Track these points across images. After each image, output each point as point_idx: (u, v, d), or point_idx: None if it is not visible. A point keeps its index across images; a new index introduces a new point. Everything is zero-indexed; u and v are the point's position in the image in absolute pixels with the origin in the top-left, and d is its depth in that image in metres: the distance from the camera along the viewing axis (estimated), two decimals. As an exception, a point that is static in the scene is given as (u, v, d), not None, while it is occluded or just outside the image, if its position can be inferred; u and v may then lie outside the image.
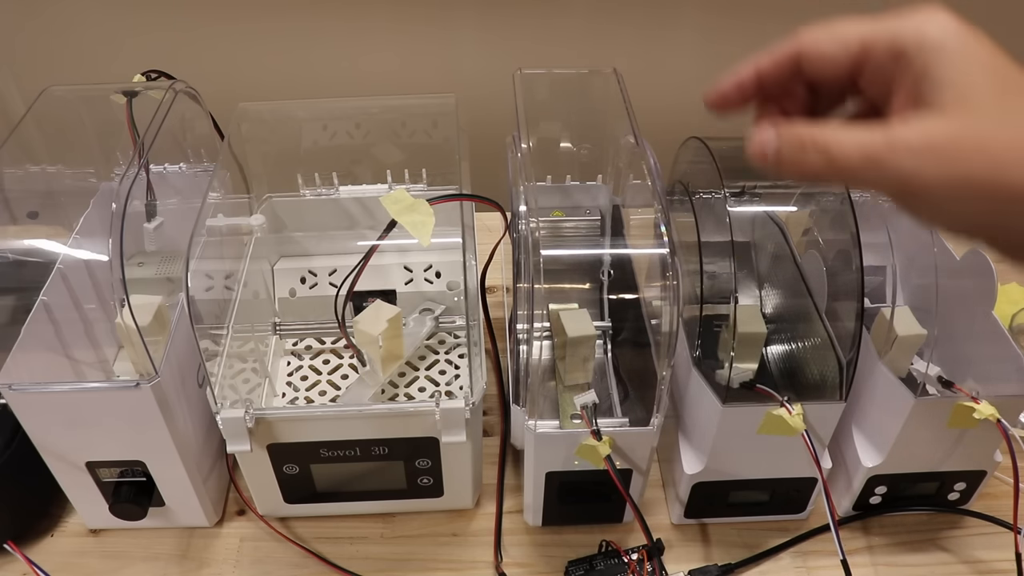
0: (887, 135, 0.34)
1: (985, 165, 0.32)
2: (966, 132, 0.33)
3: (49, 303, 0.70)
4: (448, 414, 0.64)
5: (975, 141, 0.33)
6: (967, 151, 0.33)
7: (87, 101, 0.79)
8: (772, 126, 0.38)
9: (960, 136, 0.33)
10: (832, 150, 0.35)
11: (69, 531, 0.77)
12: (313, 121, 0.84)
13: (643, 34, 1.07)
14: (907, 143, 0.34)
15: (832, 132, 0.36)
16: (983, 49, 0.35)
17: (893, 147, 0.34)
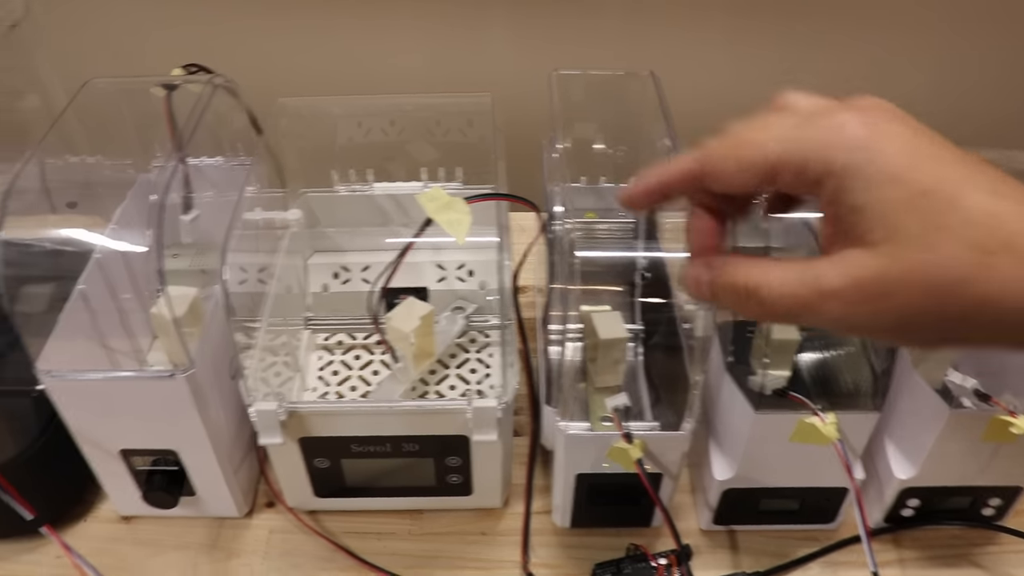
0: (817, 286, 0.34)
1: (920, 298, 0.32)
2: (895, 269, 0.32)
3: (86, 292, 0.71)
4: (480, 413, 0.64)
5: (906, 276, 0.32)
6: (899, 289, 0.32)
7: (127, 93, 0.80)
8: (706, 267, 0.38)
9: (889, 275, 0.32)
10: (764, 302, 0.35)
11: (102, 517, 0.78)
12: (348, 118, 0.84)
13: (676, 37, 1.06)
14: (836, 291, 0.33)
15: (764, 280, 0.35)
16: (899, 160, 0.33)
17: (823, 296, 0.34)
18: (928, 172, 0.32)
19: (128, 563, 0.75)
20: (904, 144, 0.33)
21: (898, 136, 0.33)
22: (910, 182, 0.32)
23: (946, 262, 0.31)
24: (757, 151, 0.36)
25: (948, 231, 0.31)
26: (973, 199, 0.31)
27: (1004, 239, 0.31)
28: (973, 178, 0.32)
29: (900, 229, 0.32)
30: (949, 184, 0.32)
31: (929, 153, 0.33)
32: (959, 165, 0.32)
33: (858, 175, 0.33)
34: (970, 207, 0.31)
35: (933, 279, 0.31)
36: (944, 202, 0.31)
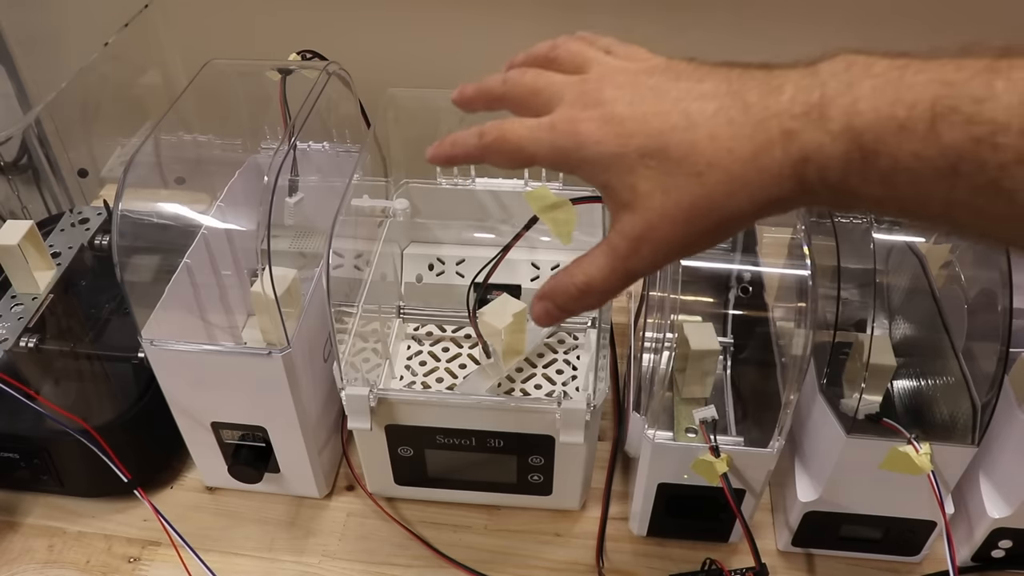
0: (618, 257, 0.41)
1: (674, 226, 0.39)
2: (650, 216, 0.39)
3: (191, 266, 0.73)
4: (568, 414, 0.64)
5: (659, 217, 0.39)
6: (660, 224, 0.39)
7: (243, 76, 0.82)
8: (543, 298, 0.45)
9: (649, 222, 0.40)
10: (600, 291, 0.43)
11: (187, 486, 0.81)
12: (452, 111, 0.84)
13: (784, 50, 1.05)
14: (628, 253, 0.41)
15: (588, 278, 0.43)
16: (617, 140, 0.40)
17: (626, 261, 0.41)
18: (639, 137, 0.39)
19: (209, 532, 0.77)
20: (616, 120, 0.40)
21: (612, 114, 0.40)
22: (628, 154, 0.39)
23: (677, 201, 0.38)
24: (516, 150, 0.43)
25: (667, 176, 0.38)
26: (675, 143, 0.38)
27: (708, 161, 0.37)
28: (674, 123, 0.38)
29: (638, 188, 0.39)
30: (657, 139, 0.39)
31: (640, 114, 0.40)
32: (665, 114, 0.39)
33: (592, 165, 0.41)
34: (676, 152, 0.38)
35: (675, 216, 0.39)
36: (658, 157, 0.38)
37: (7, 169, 0.95)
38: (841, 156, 0.35)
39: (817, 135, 0.35)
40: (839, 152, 0.35)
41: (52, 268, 0.82)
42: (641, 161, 0.39)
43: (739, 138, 0.37)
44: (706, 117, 0.38)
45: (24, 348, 0.76)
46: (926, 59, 0.34)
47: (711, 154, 0.37)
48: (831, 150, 0.35)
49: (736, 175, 0.37)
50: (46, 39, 1.08)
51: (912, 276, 0.76)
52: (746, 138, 0.37)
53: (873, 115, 0.34)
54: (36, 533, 0.77)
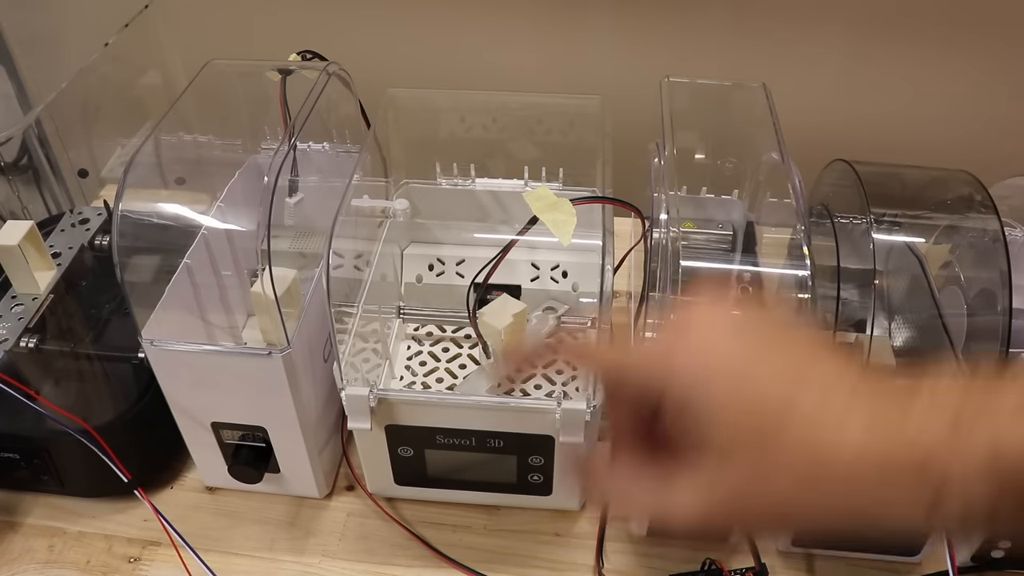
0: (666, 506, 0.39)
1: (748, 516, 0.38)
2: (732, 496, 0.37)
3: (192, 266, 0.73)
4: (569, 414, 0.64)
5: (740, 503, 0.37)
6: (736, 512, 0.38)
7: (243, 76, 0.82)
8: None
9: (729, 501, 0.37)
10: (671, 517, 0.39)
11: (187, 486, 0.81)
12: (452, 112, 0.85)
13: (785, 50, 1.05)
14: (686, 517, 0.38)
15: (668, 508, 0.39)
16: (724, 399, 0.37)
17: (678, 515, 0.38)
18: (756, 393, 0.36)
19: (209, 532, 0.77)
20: (731, 368, 0.37)
21: (726, 360, 0.37)
22: (739, 409, 0.36)
23: (771, 487, 0.36)
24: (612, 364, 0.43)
25: (772, 457, 0.35)
26: (795, 422, 0.35)
27: (819, 461, 0.35)
28: (798, 394, 0.35)
29: (735, 455, 0.36)
30: (774, 404, 0.36)
31: (759, 370, 0.37)
32: (788, 378, 0.36)
33: (694, 405, 0.37)
34: (791, 431, 0.35)
35: (763, 502, 0.36)
36: (769, 427, 0.35)
37: (7, 169, 0.95)
38: (983, 485, 0.32)
39: (959, 461, 0.33)
40: (983, 481, 0.32)
41: (52, 268, 0.82)
42: (750, 424, 0.36)
43: (869, 447, 0.34)
44: (835, 409, 0.35)
45: (24, 348, 0.76)
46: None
47: (830, 456, 0.35)
48: (974, 478, 0.33)
49: (865, 490, 0.35)
50: (46, 39, 1.08)
51: (912, 276, 0.76)
52: (874, 450, 0.34)
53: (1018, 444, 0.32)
54: (36, 533, 0.77)
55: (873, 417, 0.34)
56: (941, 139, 1.06)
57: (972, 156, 0.77)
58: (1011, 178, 0.78)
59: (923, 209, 0.74)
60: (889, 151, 0.99)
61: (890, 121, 1.09)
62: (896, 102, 1.07)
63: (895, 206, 0.73)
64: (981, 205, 0.68)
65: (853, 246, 0.71)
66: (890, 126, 1.09)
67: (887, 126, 1.09)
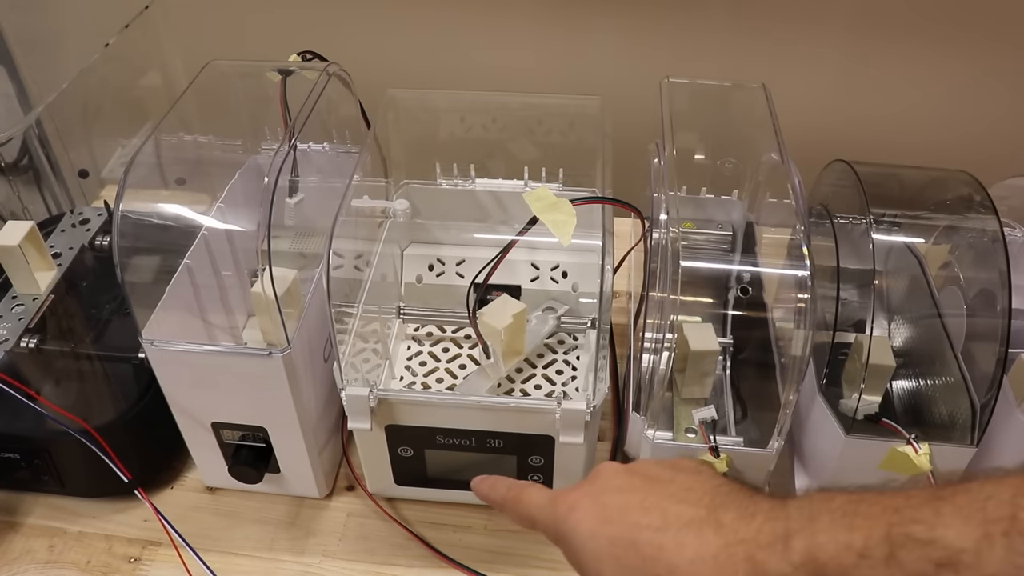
0: None
1: None
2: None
3: (192, 267, 0.73)
4: (568, 415, 0.64)
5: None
6: None
7: (243, 76, 0.82)
8: None
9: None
10: None
11: (188, 486, 0.81)
12: (452, 112, 0.85)
13: (785, 51, 1.05)
14: None
15: None
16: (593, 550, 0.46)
17: None
18: (616, 526, 0.45)
19: (209, 532, 0.77)
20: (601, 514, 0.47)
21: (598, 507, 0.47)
22: (602, 539, 0.45)
23: None
24: (527, 518, 0.53)
25: (631, 568, 0.43)
26: (644, 541, 0.43)
27: (670, 568, 0.42)
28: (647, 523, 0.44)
29: (601, 570, 0.45)
30: (632, 532, 0.44)
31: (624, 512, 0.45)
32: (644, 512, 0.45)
33: (570, 545, 0.49)
34: (645, 548, 0.43)
35: None
36: (626, 547, 0.44)
37: (8, 170, 0.95)
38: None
39: (776, 559, 0.38)
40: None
41: (53, 269, 0.82)
42: (610, 549, 0.44)
43: (705, 557, 0.41)
44: (681, 523, 0.43)
45: (25, 348, 0.76)
46: (880, 492, 0.38)
47: (675, 561, 0.41)
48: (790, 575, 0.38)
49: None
50: (47, 40, 1.08)
51: (911, 277, 0.76)
52: (711, 557, 0.40)
53: (832, 546, 0.37)
54: (37, 533, 0.77)
55: (715, 527, 0.41)
56: (941, 139, 1.06)
57: (972, 156, 0.78)
58: (1011, 178, 0.78)
59: (923, 209, 0.75)
60: (889, 151, 0.99)
61: (890, 121, 1.09)
62: (896, 103, 1.07)
63: (895, 206, 0.73)
64: (980, 205, 0.68)
65: (853, 246, 0.71)
66: (890, 126, 1.09)
67: (887, 126, 1.09)
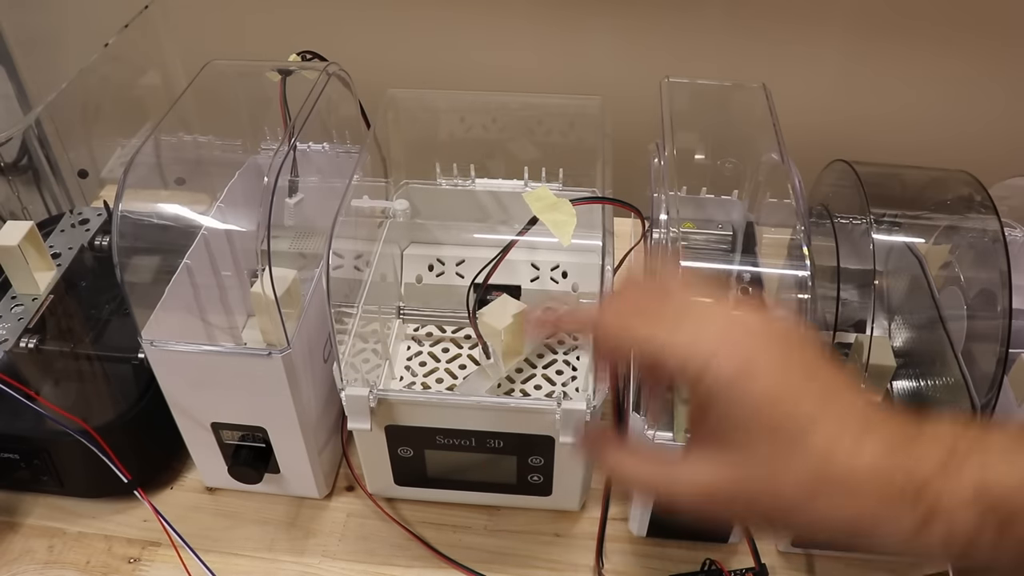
0: (704, 481, 0.41)
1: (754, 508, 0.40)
2: (741, 484, 0.39)
3: (192, 267, 0.73)
4: (568, 415, 0.64)
5: (748, 491, 0.39)
6: (740, 498, 0.40)
7: (243, 76, 0.82)
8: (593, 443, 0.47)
9: (735, 487, 0.40)
10: (674, 493, 0.42)
11: (187, 486, 0.81)
12: (452, 112, 0.85)
13: (784, 51, 1.05)
14: (712, 489, 0.40)
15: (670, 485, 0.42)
16: (760, 398, 0.39)
17: (713, 494, 0.41)
18: (785, 409, 0.39)
19: (209, 532, 0.77)
20: (768, 381, 0.39)
21: (765, 372, 0.39)
22: (766, 418, 0.39)
23: (780, 489, 0.38)
24: (645, 340, 0.42)
25: (786, 463, 0.38)
26: (820, 436, 0.38)
27: (829, 477, 0.37)
28: (821, 417, 0.38)
29: (752, 451, 0.39)
30: (799, 422, 0.38)
31: (792, 387, 0.39)
32: (815, 401, 0.39)
33: (724, 400, 0.39)
34: (814, 442, 0.38)
35: (768, 500, 0.39)
36: (790, 439, 0.38)
37: (7, 170, 0.95)
38: (975, 522, 0.35)
39: (956, 499, 0.36)
40: (972, 519, 0.35)
41: (52, 269, 0.82)
42: (774, 431, 0.39)
43: (877, 473, 0.37)
44: (851, 447, 0.38)
45: (24, 349, 0.76)
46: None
47: (844, 472, 0.37)
48: (964, 517, 0.35)
49: (858, 500, 0.37)
50: (46, 40, 1.08)
51: (912, 277, 0.76)
52: (882, 475, 0.37)
53: (1007, 478, 0.35)
54: (36, 534, 0.77)
55: (881, 445, 0.37)
56: (941, 139, 1.06)
57: (972, 156, 0.77)
58: (1011, 178, 0.78)
59: (923, 209, 0.75)
60: (889, 151, 0.99)
61: (890, 121, 1.09)
62: (896, 102, 1.07)
63: (895, 206, 0.73)
64: (981, 205, 0.68)
65: (853, 246, 0.71)
66: (890, 126, 1.09)
67: (887, 126, 1.09)
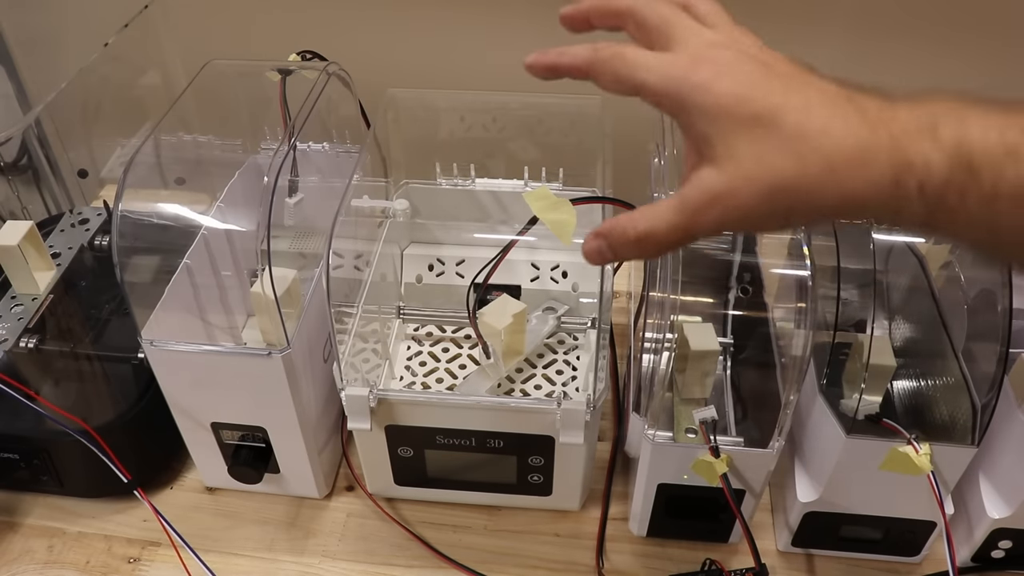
0: (685, 208, 0.41)
1: (755, 198, 0.40)
2: (735, 178, 0.40)
3: (191, 266, 0.73)
4: (568, 415, 0.64)
5: (743, 183, 0.40)
6: (739, 192, 0.40)
7: (243, 76, 0.82)
8: (598, 236, 0.44)
9: (732, 183, 0.40)
10: (661, 242, 0.43)
11: (187, 486, 0.81)
12: (452, 112, 0.85)
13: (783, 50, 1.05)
14: (698, 207, 0.41)
15: (651, 226, 0.43)
16: (733, 96, 0.40)
17: (693, 215, 0.41)
18: (758, 103, 0.40)
19: (209, 532, 0.77)
20: (740, 81, 0.41)
21: (738, 74, 0.41)
22: (741, 114, 0.40)
23: (770, 170, 0.39)
24: (630, 73, 0.43)
25: (770, 146, 0.39)
26: (790, 122, 0.39)
27: (814, 146, 0.38)
28: (793, 104, 0.40)
29: (736, 148, 0.40)
30: (773, 112, 0.39)
31: (763, 87, 0.40)
32: (786, 94, 0.40)
33: (701, 111, 0.41)
34: (787, 129, 0.39)
35: (763, 182, 0.39)
36: (767, 125, 0.39)
37: (7, 169, 0.95)
38: (945, 170, 0.36)
39: (926, 147, 0.37)
40: (944, 165, 0.36)
41: (52, 269, 0.82)
42: (748, 125, 0.40)
43: (849, 136, 0.38)
44: (824, 109, 0.39)
45: (24, 348, 0.76)
46: None
47: (818, 143, 0.38)
48: (937, 162, 0.36)
49: (836, 169, 0.38)
50: (46, 40, 1.08)
51: (912, 276, 0.76)
52: (855, 137, 0.38)
53: (982, 133, 0.36)
54: (36, 533, 0.77)
55: (856, 116, 0.39)
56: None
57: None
58: (1011, 178, 0.78)
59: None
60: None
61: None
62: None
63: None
64: (982, 205, 0.68)
65: (853, 246, 0.71)
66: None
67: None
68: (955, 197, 0.36)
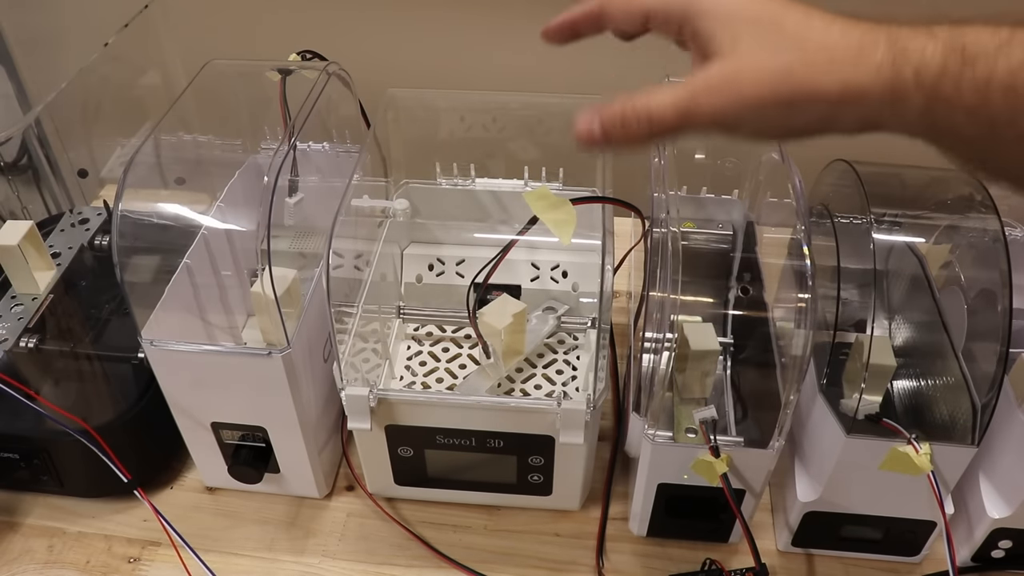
0: (688, 89, 0.42)
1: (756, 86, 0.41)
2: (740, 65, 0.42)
3: (191, 266, 0.73)
4: (568, 414, 0.64)
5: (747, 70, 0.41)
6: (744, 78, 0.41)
7: (243, 76, 0.82)
8: (593, 111, 0.44)
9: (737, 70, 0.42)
10: (652, 113, 0.42)
11: (187, 486, 0.81)
12: (452, 112, 0.85)
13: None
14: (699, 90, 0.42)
15: (646, 98, 0.43)
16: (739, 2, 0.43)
17: (694, 95, 0.42)
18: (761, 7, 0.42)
19: (209, 532, 0.77)
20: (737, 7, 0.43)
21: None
22: (746, 14, 0.43)
23: (773, 58, 0.41)
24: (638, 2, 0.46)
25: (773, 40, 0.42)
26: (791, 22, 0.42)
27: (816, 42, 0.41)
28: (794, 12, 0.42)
29: (739, 41, 0.42)
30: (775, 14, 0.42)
31: None
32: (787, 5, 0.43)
33: (707, 15, 0.43)
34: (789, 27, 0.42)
35: (766, 70, 0.41)
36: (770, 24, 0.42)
37: (7, 169, 0.95)
38: (940, 58, 0.38)
39: (921, 39, 0.39)
40: (939, 53, 0.38)
41: (52, 268, 0.82)
42: (753, 23, 0.42)
43: (848, 34, 0.41)
44: (823, 18, 0.42)
45: (24, 348, 0.76)
46: None
47: (819, 38, 0.41)
48: (932, 51, 0.38)
49: (837, 58, 0.40)
50: (46, 40, 1.08)
51: (912, 276, 0.76)
52: (855, 34, 0.40)
53: (975, 34, 0.38)
54: (36, 533, 0.77)
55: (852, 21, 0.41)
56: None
57: (972, 156, 0.77)
58: (1011, 178, 0.78)
59: (923, 209, 0.74)
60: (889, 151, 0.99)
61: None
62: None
63: (895, 206, 0.73)
64: (981, 205, 0.68)
65: (853, 246, 0.71)
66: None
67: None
68: (950, 86, 0.38)
